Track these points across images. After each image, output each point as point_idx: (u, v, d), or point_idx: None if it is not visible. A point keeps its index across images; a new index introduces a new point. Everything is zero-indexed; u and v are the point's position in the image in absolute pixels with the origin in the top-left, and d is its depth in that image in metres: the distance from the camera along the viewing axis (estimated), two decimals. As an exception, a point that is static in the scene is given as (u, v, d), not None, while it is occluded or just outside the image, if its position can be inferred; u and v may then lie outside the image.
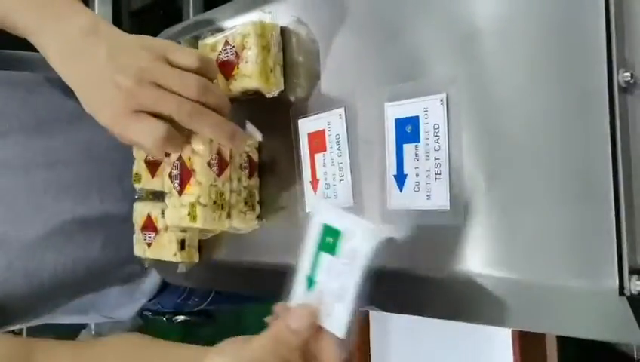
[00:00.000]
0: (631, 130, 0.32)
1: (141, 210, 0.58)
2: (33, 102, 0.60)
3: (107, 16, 1.50)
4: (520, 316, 0.36)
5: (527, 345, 0.53)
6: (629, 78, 0.31)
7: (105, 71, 0.43)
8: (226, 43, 0.50)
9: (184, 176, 0.49)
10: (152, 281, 0.70)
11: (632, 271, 0.31)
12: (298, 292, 0.40)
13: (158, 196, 0.56)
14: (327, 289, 0.38)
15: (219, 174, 0.49)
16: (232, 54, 0.49)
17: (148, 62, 0.42)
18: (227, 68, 0.50)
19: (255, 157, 0.53)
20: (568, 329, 0.35)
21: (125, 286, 0.68)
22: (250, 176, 0.53)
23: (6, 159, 0.57)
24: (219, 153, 0.49)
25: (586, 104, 0.32)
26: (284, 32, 0.51)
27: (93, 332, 1.84)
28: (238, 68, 0.49)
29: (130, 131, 0.43)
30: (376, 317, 0.72)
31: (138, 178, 0.57)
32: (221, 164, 0.50)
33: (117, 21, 1.54)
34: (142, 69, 0.42)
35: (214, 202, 0.49)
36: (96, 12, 1.56)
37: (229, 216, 0.50)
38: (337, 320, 0.38)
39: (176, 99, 0.42)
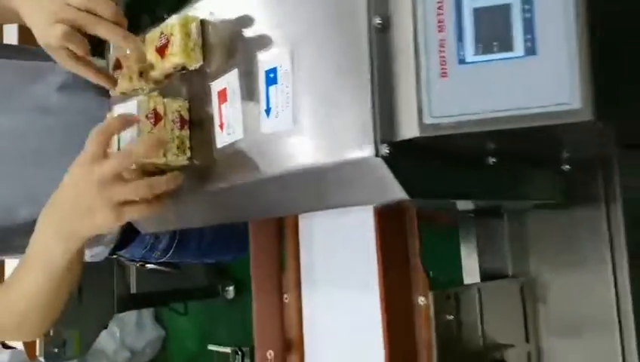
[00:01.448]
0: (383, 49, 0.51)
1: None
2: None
3: None
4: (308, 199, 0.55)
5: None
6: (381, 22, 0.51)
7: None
8: (162, 33, 0.71)
9: (132, 125, 0.69)
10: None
11: (382, 141, 0.50)
12: None
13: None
14: None
15: (154, 124, 0.69)
16: (165, 40, 0.70)
17: None
18: (162, 51, 0.71)
19: (185, 114, 0.73)
20: (353, 200, 0.55)
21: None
22: (181, 129, 0.72)
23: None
24: (155, 110, 0.70)
25: (353, 40, 0.52)
26: (203, 22, 0.71)
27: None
28: (167, 50, 0.70)
29: (49, 34, 0.70)
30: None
31: None
32: (156, 118, 0.70)
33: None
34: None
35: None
36: None
37: (164, 155, 0.70)
38: None
39: (78, 13, 0.69)
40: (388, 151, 0.49)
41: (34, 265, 0.73)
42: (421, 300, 0.72)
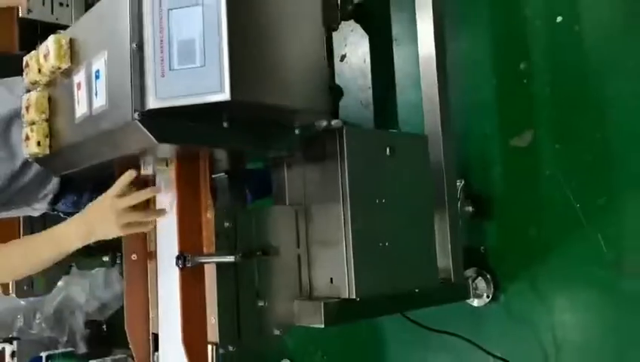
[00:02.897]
0: (139, 60, 0.93)
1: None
2: None
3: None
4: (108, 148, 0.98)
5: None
6: (136, 45, 0.93)
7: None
8: (46, 46, 1.14)
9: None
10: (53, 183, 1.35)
11: (135, 110, 0.91)
12: None
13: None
14: None
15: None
16: (47, 50, 1.13)
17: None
18: (45, 57, 1.13)
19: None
20: (133, 148, 0.97)
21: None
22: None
23: None
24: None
25: (124, 54, 0.94)
26: (71, 39, 1.14)
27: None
28: (48, 56, 1.12)
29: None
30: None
31: None
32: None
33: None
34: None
35: None
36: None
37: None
38: None
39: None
40: (138, 117, 0.92)
41: (52, 243, 1.18)
42: (208, 215, 1.15)
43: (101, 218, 1.13)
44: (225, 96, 0.88)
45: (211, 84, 0.89)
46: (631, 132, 1.30)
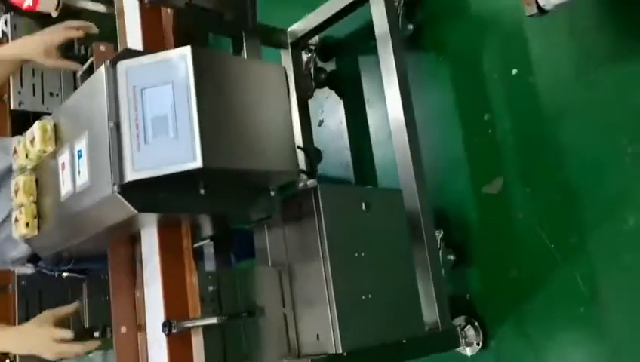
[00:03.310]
0: (116, 139, 1.00)
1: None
2: None
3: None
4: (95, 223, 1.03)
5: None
6: (114, 123, 1.00)
7: None
8: (31, 131, 1.21)
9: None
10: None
11: (114, 183, 0.97)
12: None
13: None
14: None
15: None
16: (32, 136, 1.20)
17: None
18: (32, 142, 1.20)
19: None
20: (116, 218, 1.02)
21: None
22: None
23: None
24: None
25: (102, 135, 1.01)
26: (55, 124, 1.21)
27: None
28: (34, 141, 1.19)
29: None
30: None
31: None
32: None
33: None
34: None
35: None
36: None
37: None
38: None
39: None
40: (118, 189, 0.98)
41: None
42: (193, 279, 1.18)
43: (33, 348, 1.29)
44: (197, 163, 0.95)
45: (184, 154, 0.95)
46: (589, 171, 1.37)
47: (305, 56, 2.08)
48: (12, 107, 2.46)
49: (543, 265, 1.43)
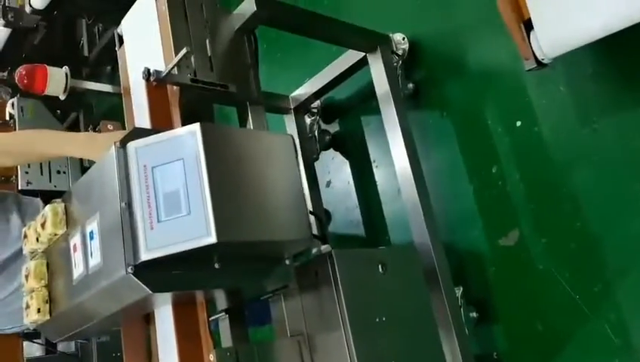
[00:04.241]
0: (128, 218, 0.99)
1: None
2: None
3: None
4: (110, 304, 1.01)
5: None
6: (125, 204, 1.00)
7: None
8: (42, 215, 1.20)
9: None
10: None
11: (128, 264, 0.96)
12: None
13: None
14: None
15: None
16: (43, 219, 1.19)
17: None
18: (43, 225, 1.20)
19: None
20: (131, 299, 1.00)
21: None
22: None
23: None
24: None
25: (114, 213, 1.00)
26: (66, 206, 1.21)
27: None
28: (45, 224, 1.19)
29: None
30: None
31: None
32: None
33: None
34: None
35: None
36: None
37: None
38: None
39: None
40: (132, 270, 0.96)
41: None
42: (211, 357, 1.14)
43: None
44: (212, 239, 0.93)
45: (198, 230, 0.94)
46: (605, 216, 1.35)
47: (308, 120, 2.10)
48: (20, 187, 2.49)
49: (569, 317, 1.39)
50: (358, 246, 1.96)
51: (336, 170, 2.08)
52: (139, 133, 1.06)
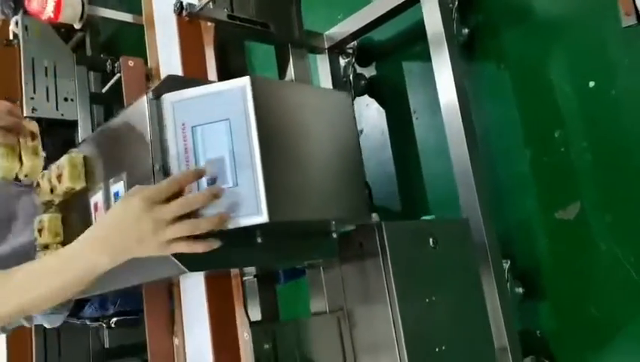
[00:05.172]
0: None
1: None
2: None
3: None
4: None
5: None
6: (160, 166, 0.85)
7: None
8: (57, 166, 1.06)
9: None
10: None
11: (163, 240, 0.82)
12: None
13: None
14: None
15: None
16: (60, 171, 1.05)
17: None
18: (59, 178, 1.05)
19: (36, 130, 1.06)
20: (162, 274, 0.87)
21: None
22: (32, 140, 1.05)
23: None
24: None
25: (145, 176, 0.86)
26: (86, 158, 1.06)
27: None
28: (62, 177, 1.04)
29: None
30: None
31: None
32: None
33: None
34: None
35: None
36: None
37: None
38: None
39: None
40: (167, 245, 0.82)
41: (65, 270, 0.82)
42: (245, 335, 1.04)
43: (132, 232, 0.77)
44: (262, 218, 0.79)
45: (246, 206, 0.80)
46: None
47: (342, 62, 1.91)
48: (25, 114, 2.31)
49: (630, 306, 1.27)
50: (388, 204, 1.83)
51: (370, 118, 1.92)
52: (173, 82, 0.90)
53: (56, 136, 2.42)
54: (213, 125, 0.83)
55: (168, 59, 1.20)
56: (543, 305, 1.44)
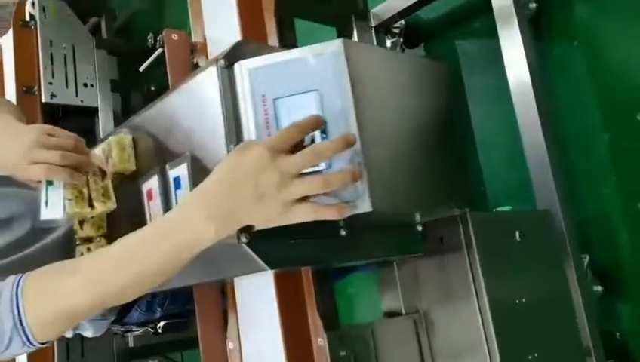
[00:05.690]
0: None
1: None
2: None
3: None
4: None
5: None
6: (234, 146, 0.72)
7: None
8: (103, 149, 0.94)
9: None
10: None
11: (241, 231, 0.70)
12: None
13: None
14: None
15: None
16: (107, 153, 0.93)
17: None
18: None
19: (104, 166, 0.93)
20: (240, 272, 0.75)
21: None
22: (102, 179, 0.93)
23: None
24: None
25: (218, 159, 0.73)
26: (135, 139, 0.94)
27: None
28: (109, 160, 0.92)
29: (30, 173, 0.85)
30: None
31: None
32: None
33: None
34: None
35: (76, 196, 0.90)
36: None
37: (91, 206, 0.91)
38: None
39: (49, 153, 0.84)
40: (246, 239, 0.70)
41: (166, 243, 0.68)
42: (320, 341, 0.91)
43: (251, 190, 0.62)
44: (365, 206, 0.67)
45: (344, 193, 0.67)
46: None
47: (389, 42, 1.78)
48: (43, 100, 2.19)
49: None
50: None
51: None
52: (245, 47, 0.77)
53: (73, 124, 2.29)
54: (300, 96, 0.71)
55: (221, 28, 1.08)
56: (625, 306, 1.31)
